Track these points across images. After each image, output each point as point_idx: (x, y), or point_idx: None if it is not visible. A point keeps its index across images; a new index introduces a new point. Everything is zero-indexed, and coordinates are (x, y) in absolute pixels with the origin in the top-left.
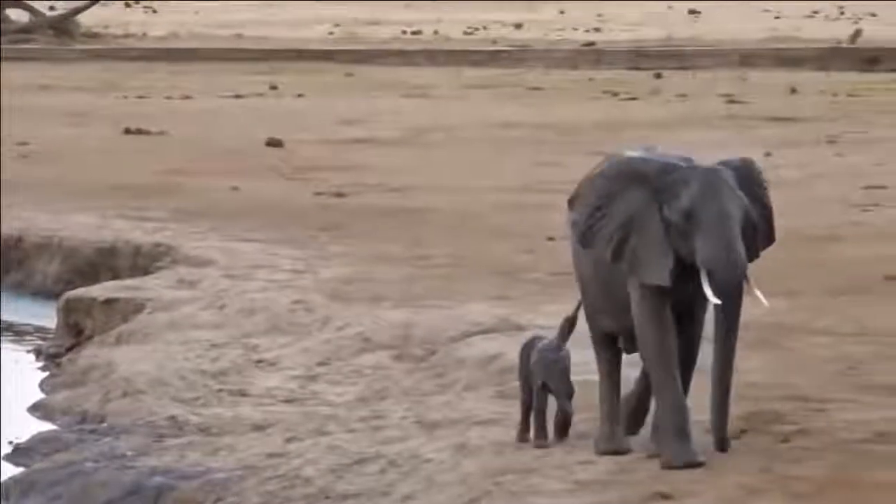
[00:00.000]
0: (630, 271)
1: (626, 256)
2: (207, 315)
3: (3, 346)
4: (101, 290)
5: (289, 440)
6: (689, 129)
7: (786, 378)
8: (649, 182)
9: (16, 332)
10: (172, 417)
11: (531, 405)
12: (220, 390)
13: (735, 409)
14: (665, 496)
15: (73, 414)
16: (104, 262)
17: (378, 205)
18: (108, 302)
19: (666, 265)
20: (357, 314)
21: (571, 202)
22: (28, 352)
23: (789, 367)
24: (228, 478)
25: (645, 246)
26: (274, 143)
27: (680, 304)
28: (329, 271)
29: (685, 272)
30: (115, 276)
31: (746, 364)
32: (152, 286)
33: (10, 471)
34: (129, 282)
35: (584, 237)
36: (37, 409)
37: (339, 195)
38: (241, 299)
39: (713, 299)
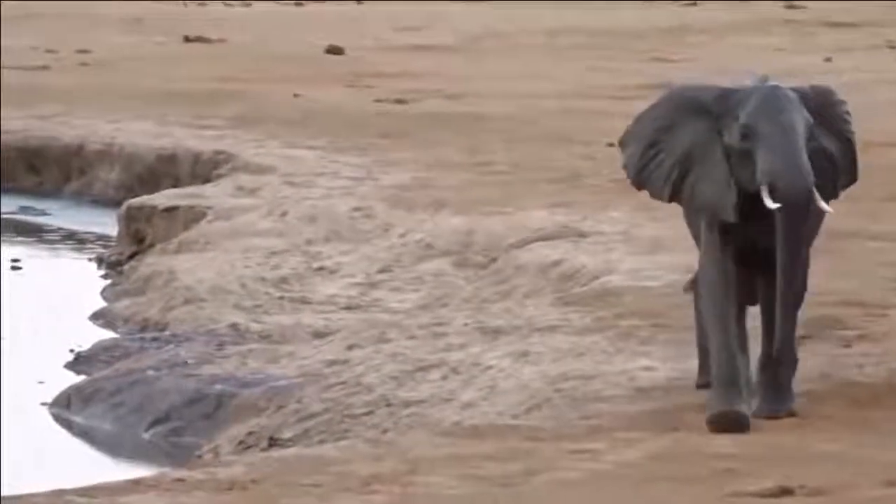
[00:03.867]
0: (691, 208)
1: (686, 193)
2: (268, 222)
3: (64, 254)
4: (161, 198)
5: (350, 347)
6: (748, 35)
7: (846, 283)
8: (709, 111)
9: (77, 240)
10: (234, 325)
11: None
12: (281, 298)
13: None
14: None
15: (135, 322)
16: (165, 169)
17: (438, 111)
18: (169, 210)
19: (730, 198)
20: (418, 221)
21: (623, 143)
22: (90, 260)
23: (849, 273)
24: (289, 385)
25: (706, 179)
26: (334, 50)
27: (752, 245)
28: (390, 178)
29: (753, 209)
30: (176, 184)
31: None
32: (213, 194)
33: (72, 379)
34: (189, 189)
35: (639, 177)
36: (98, 317)
37: (399, 102)
38: (302, 206)
39: (771, 205)
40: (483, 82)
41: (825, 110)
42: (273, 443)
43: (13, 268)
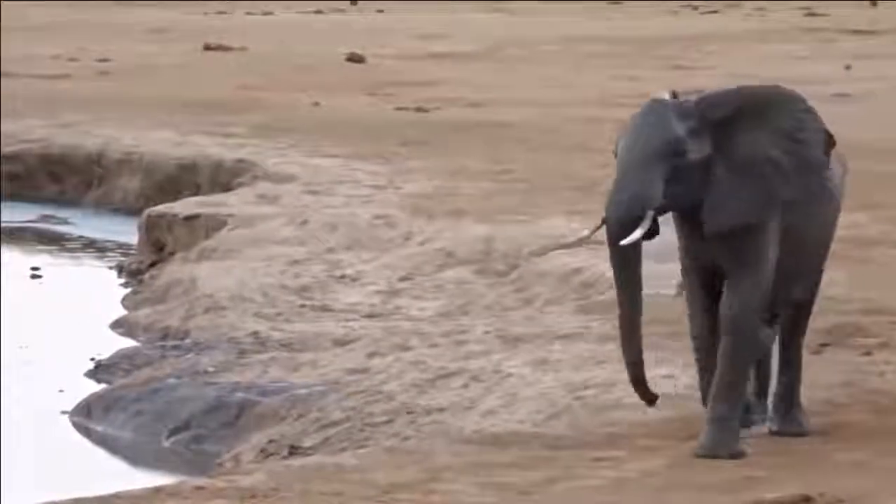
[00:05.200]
0: None
1: None
2: (289, 231)
3: (85, 262)
4: (182, 207)
5: (371, 355)
6: (769, 43)
7: (867, 291)
8: None
9: (98, 249)
10: (255, 333)
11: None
12: (303, 306)
13: (817, 323)
14: (747, 410)
15: (156, 330)
16: (185, 178)
17: (459, 119)
18: (190, 218)
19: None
20: (439, 229)
21: None
22: (110, 268)
23: (870, 280)
24: (310, 393)
25: None
26: (355, 58)
27: (709, 267)
28: (411, 186)
29: (691, 226)
30: (197, 192)
31: (828, 277)
32: (234, 202)
33: (92, 387)
34: (210, 198)
35: None
36: (119, 326)
37: (420, 110)
38: (323, 215)
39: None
40: (504, 91)
41: (763, 112)
42: (294, 451)
43: (33, 276)
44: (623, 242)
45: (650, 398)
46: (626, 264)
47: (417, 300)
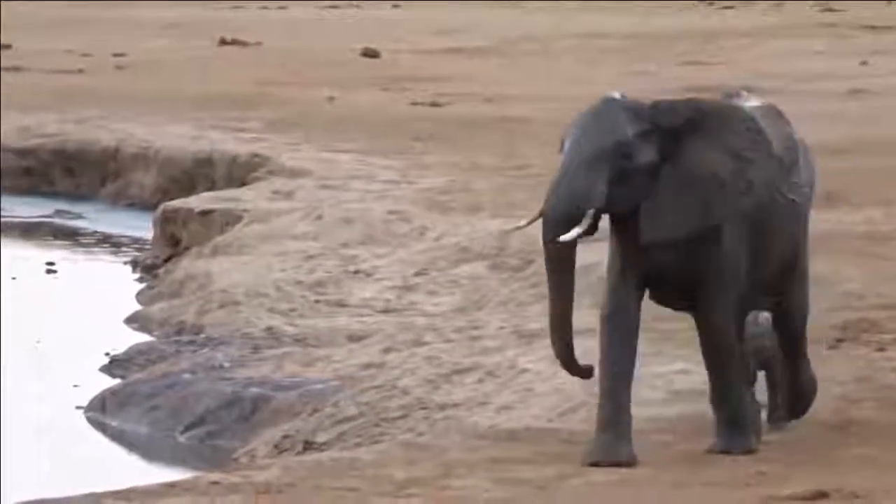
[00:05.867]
0: None
1: None
2: (304, 226)
3: (100, 257)
4: (197, 202)
5: (386, 351)
6: (785, 38)
7: (882, 287)
8: None
9: (113, 244)
10: (269, 328)
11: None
12: (317, 301)
13: (831, 319)
14: (761, 406)
15: (171, 325)
16: (200, 172)
17: (473, 114)
18: (205, 213)
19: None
20: (453, 224)
21: None
22: (125, 263)
23: (885, 276)
24: (325, 388)
25: None
26: (370, 53)
27: (660, 274)
28: (425, 181)
29: (627, 231)
30: (212, 187)
31: (843, 273)
32: (249, 197)
33: (107, 382)
34: (225, 193)
35: None
36: (134, 321)
37: (435, 105)
38: (338, 210)
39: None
40: (518, 86)
41: (713, 127)
42: (308, 446)
43: (48, 271)
44: (562, 238)
45: (584, 374)
46: (560, 264)
47: (432, 295)
